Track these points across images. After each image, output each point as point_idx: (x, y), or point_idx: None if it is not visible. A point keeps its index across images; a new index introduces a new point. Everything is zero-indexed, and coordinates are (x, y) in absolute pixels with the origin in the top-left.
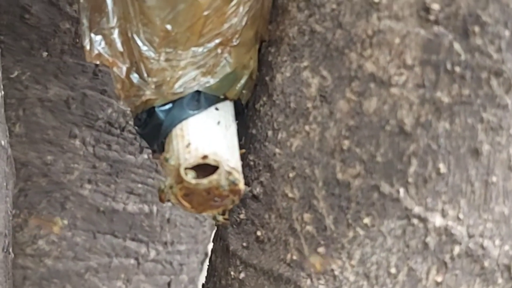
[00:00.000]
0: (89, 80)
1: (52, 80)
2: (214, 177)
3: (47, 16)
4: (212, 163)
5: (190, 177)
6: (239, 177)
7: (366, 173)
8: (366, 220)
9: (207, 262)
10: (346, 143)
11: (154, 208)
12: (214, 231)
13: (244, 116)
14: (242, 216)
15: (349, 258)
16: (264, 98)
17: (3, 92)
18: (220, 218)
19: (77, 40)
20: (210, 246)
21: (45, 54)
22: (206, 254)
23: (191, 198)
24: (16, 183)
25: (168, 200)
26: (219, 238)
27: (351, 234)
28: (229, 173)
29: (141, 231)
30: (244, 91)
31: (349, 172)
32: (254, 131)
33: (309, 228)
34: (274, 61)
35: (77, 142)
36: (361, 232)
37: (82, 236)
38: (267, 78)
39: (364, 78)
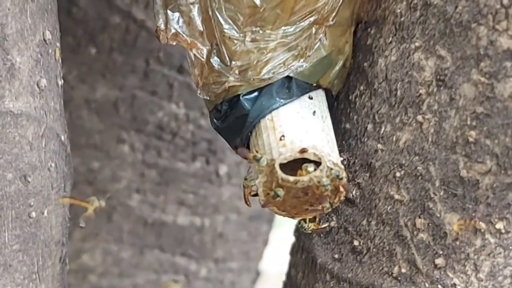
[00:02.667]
0: (139, 80)
1: (99, 80)
2: (316, 173)
3: (95, 10)
4: (312, 157)
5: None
6: (343, 173)
7: (499, 169)
8: (499, 225)
9: (258, 282)
10: (472, 134)
11: (206, 221)
12: (266, 247)
13: (334, 109)
14: (332, 223)
15: (476, 271)
16: (361, 87)
17: (62, 81)
18: (312, 226)
19: (127, 37)
20: (262, 263)
21: (93, 51)
22: (257, 273)
23: (284, 199)
24: None
25: (255, 195)
26: (301, 250)
27: (478, 242)
28: (331, 169)
29: (191, 246)
30: (336, 81)
31: (476, 168)
32: (348, 126)
33: (422, 235)
34: (374, 44)
35: (126, 148)
36: (492, 240)
37: (128, 251)
38: (365, 64)
39: (498, 56)
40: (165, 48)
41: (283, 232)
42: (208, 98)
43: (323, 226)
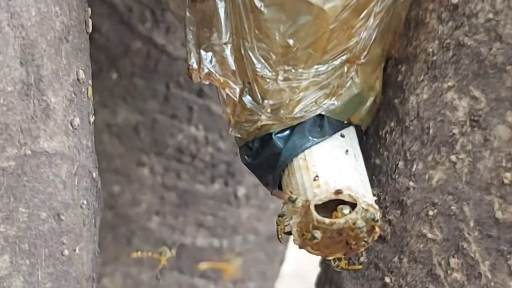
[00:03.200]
0: (160, 104)
1: (121, 104)
2: (352, 216)
3: (117, 36)
4: (347, 198)
5: (321, 216)
6: (378, 215)
7: None
8: None
9: None
10: (508, 176)
11: (225, 242)
12: (283, 266)
13: (364, 144)
14: (362, 259)
15: None
16: (392, 124)
17: (94, 118)
18: (341, 264)
19: (148, 62)
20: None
21: (114, 75)
22: None
23: (319, 240)
24: None
25: (289, 233)
26: (329, 283)
27: None
28: (366, 210)
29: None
30: (366, 116)
31: (511, 210)
32: (378, 161)
33: (457, 275)
34: (405, 81)
35: (145, 171)
36: None
37: (148, 273)
38: (396, 101)
39: None
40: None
41: None
42: (240, 136)
43: (354, 266)
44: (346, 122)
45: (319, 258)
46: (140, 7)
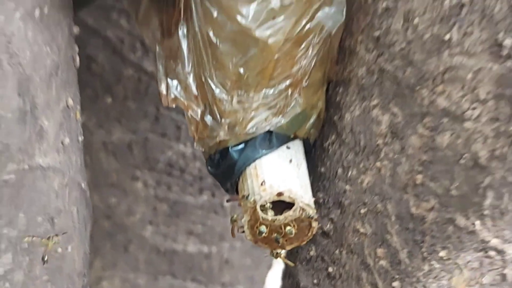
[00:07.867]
0: (151, 124)
1: (115, 125)
2: (289, 213)
3: (110, 64)
4: (287, 199)
5: (266, 214)
6: (313, 214)
7: (440, 207)
8: (442, 253)
9: None
10: (419, 178)
11: (213, 249)
12: (271, 271)
13: (312, 155)
14: (312, 253)
15: None
16: (333, 137)
17: (82, 137)
18: (281, 256)
19: (139, 87)
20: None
21: (109, 100)
22: None
23: (267, 235)
24: None
25: (242, 231)
26: (289, 275)
27: (426, 267)
28: (303, 210)
29: (200, 272)
30: (312, 130)
31: (423, 206)
32: (323, 169)
33: (382, 262)
34: (342, 101)
35: (139, 185)
36: (437, 265)
37: (144, 278)
38: (335, 118)
39: (437, 113)
40: None
41: None
42: (203, 150)
43: (289, 261)
44: (292, 136)
45: None
46: (131, 39)
